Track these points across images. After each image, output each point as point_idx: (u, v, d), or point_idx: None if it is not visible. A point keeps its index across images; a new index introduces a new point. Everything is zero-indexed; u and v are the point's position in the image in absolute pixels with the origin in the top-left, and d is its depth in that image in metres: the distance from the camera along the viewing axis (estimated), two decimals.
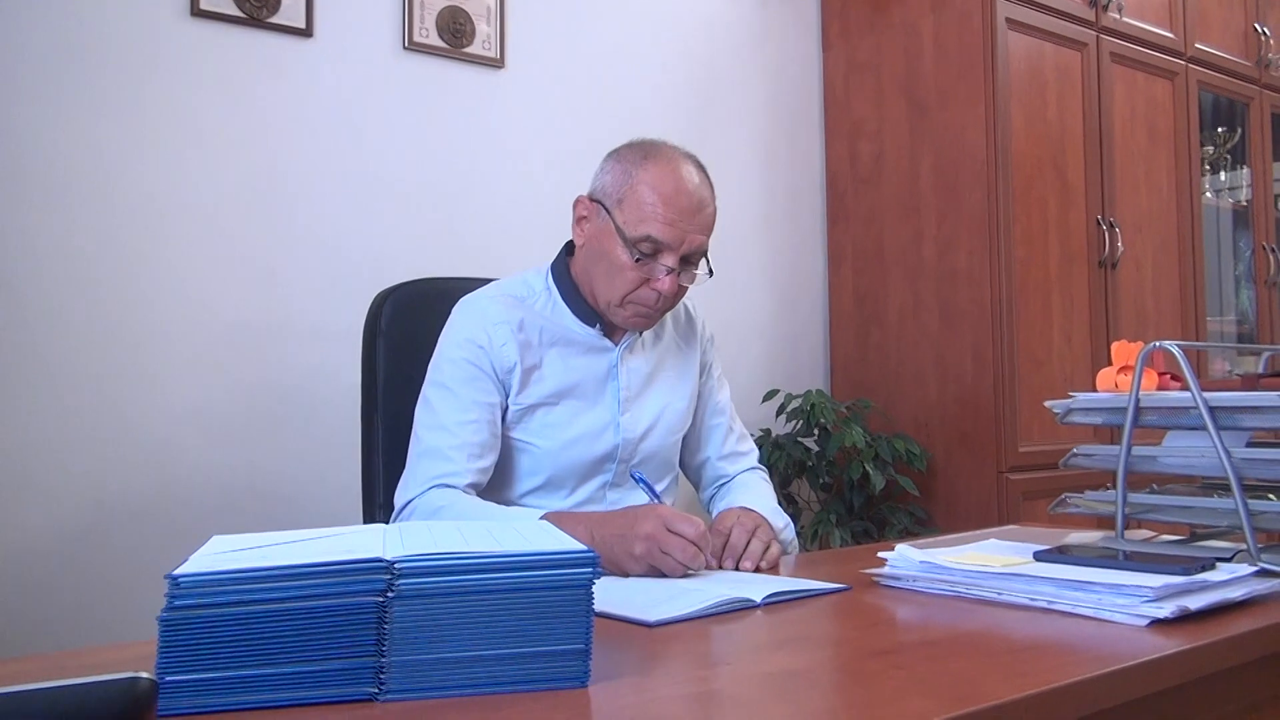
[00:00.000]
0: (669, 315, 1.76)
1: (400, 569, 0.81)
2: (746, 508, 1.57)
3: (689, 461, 1.82)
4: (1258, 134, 3.76)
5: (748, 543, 1.44)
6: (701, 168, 1.63)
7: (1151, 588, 1.05)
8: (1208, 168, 3.80)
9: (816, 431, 2.86)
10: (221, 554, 0.86)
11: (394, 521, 1.56)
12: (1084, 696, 0.86)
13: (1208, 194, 3.70)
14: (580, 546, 0.88)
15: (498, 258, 2.48)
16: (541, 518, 1.42)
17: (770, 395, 2.95)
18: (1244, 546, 1.27)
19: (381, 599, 0.81)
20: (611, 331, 1.67)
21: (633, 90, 2.86)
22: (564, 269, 1.68)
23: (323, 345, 2.31)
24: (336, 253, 2.35)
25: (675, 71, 2.95)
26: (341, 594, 0.80)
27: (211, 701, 0.77)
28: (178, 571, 0.78)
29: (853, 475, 2.77)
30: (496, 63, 2.58)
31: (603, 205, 1.59)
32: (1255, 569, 1.19)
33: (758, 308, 3.11)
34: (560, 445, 1.60)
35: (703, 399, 1.80)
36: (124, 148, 2.11)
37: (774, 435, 2.90)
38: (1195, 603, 1.06)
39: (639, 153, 1.60)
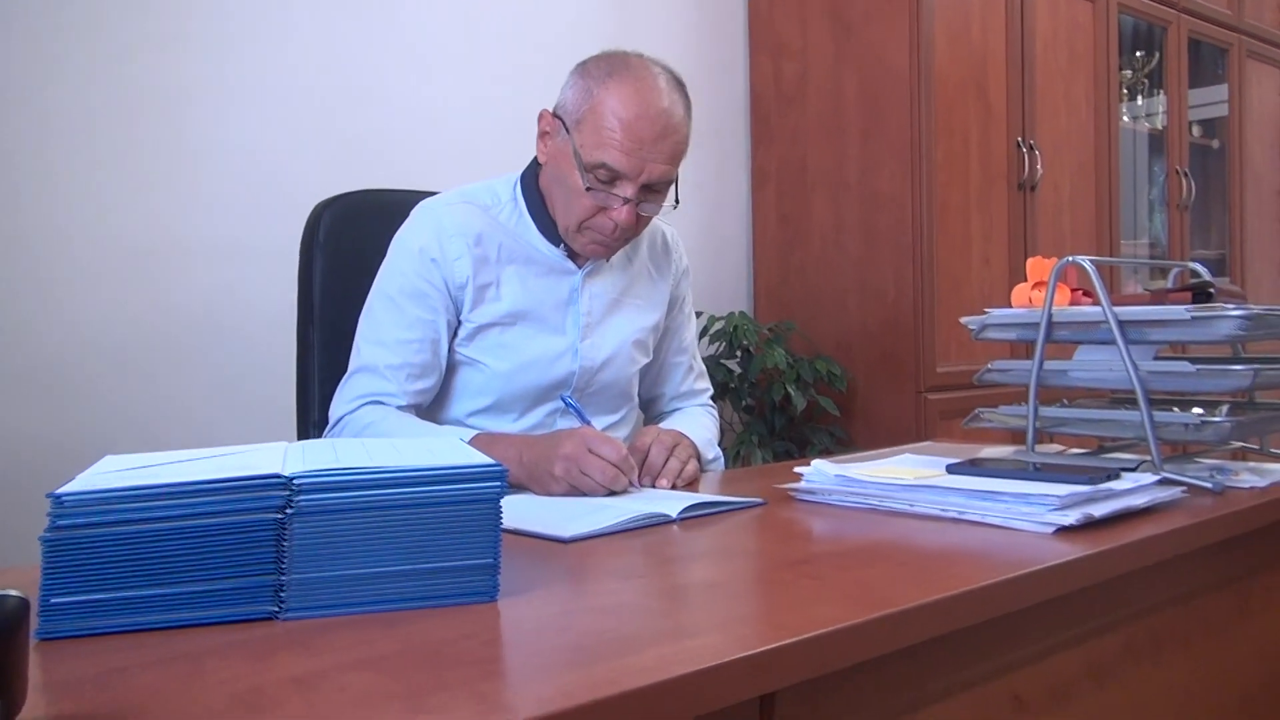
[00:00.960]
0: (644, 238, 1.70)
1: (299, 485, 0.79)
2: (670, 428, 1.56)
3: (644, 395, 1.78)
4: (1174, 59, 3.80)
5: (665, 460, 1.43)
6: (677, 86, 1.52)
7: (1057, 496, 1.06)
8: (1125, 92, 3.84)
9: (739, 353, 2.87)
10: (110, 472, 0.82)
11: (325, 436, 1.52)
12: (990, 601, 0.87)
13: (1125, 118, 3.74)
14: (487, 460, 0.86)
15: (415, 172, 2.41)
16: (471, 439, 1.40)
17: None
18: (1149, 457, 1.30)
19: (280, 515, 0.78)
20: (576, 252, 1.59)
21: (550, 3, 2.78)
22: (533, 181, 1.59)
23: (238, 266, 2.23)
24: (250, 170, 2.26)
25: None
26: (236, 511, 0.77)
27: (100, 623, 0.74)
28: (61, 490, 0.75)
29: (774, 396, 2.79)
30: None
31: (564, 123, 1.50)
32: (1158, 478, 1.21)
33: (681, 229, 3.07)
34: (513, 368, 1.55)
35: (669, 334, 1.75)
36: (12, 57, 1.99)
37: None
38: (1099, 510, 1.08)
39: (605, 68, 1.49)
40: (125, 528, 0.75)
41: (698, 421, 1.70)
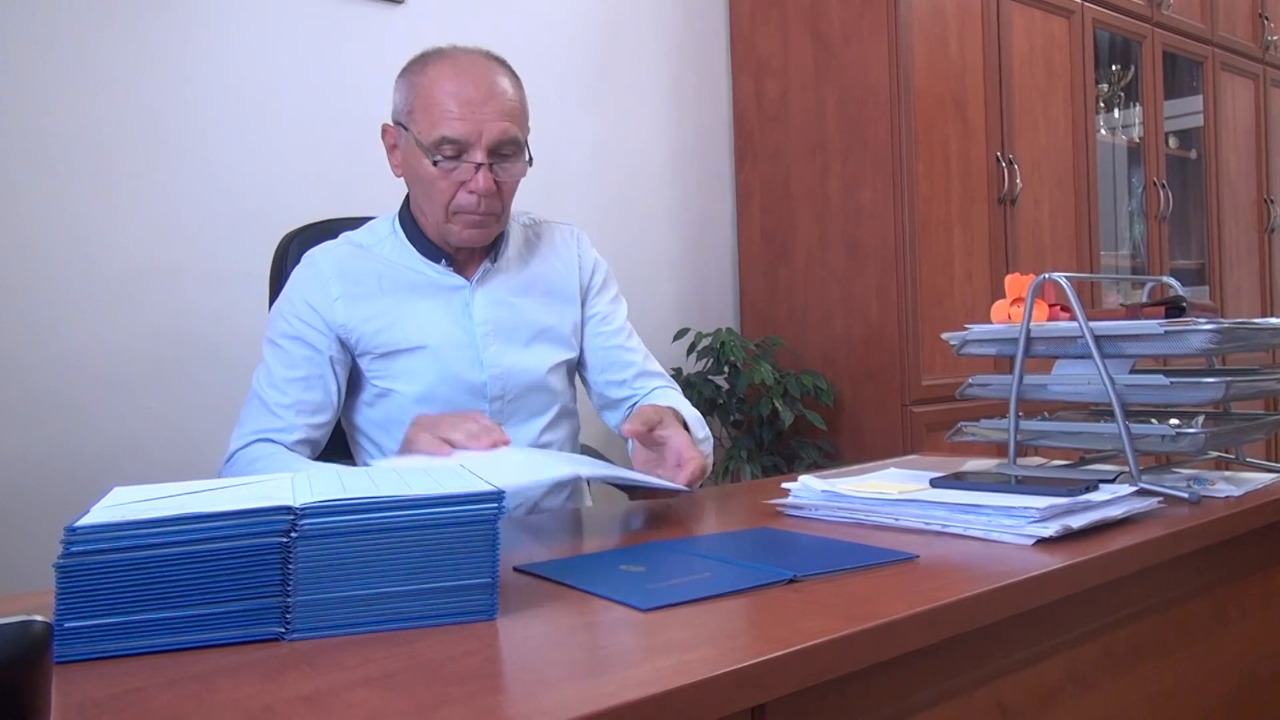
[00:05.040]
0: (542, 237, 1.73)
1: (303, 509, 0.81)
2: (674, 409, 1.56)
3: (596, 390, 1.77)
4: (1150, 72, 3.86)
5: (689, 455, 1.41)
6: (495, 57, 1.59)
7: (1037, 509, 1.10)
8: (1102, 105, 3.90)
9: (727, 369, 2.90)
10: (122, 505, 0.85)
11: (222, 467, 1.55)
12: (971, 612, 0.90)
13: (1102, 131, 3.80)
14: (486, 486, 0.89)
15: (400, 198, 2.44)
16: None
17: (681, 334, 2.98)
18: (1126, 468, 1.34)
19: (285, 539, 0.81)
20: (464, 265, 1.63)
21: (536, 26, 2.82)
22: (407, 210, 1.66)
23: (226, 288, 2.26)
24: (234, 193, 2.29)
25: (579, 5, 2.92)
26: (242, 535, 0.79)
27: (111, 646, 0.77)
28: (77, 524, 0.78)
29: (762, 411, 2.82)
30: None
31: (402, 125, 1.57)
32: (1135, 489, 1.25)
33: (668, 247, 3.12)
34: (425, 389, 1.57)
35: (602, 320, 1.75)
36: (7, 82, 2.01)
37: (685, 374, 2.93)
38: (1077, 521, 1.11)
39: (420, 62, 1.57)
40: (136, 553, 0.77)
41: (679, 400, 1.70)
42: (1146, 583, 1.16)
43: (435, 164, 1.51)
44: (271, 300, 1.74)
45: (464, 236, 1.58)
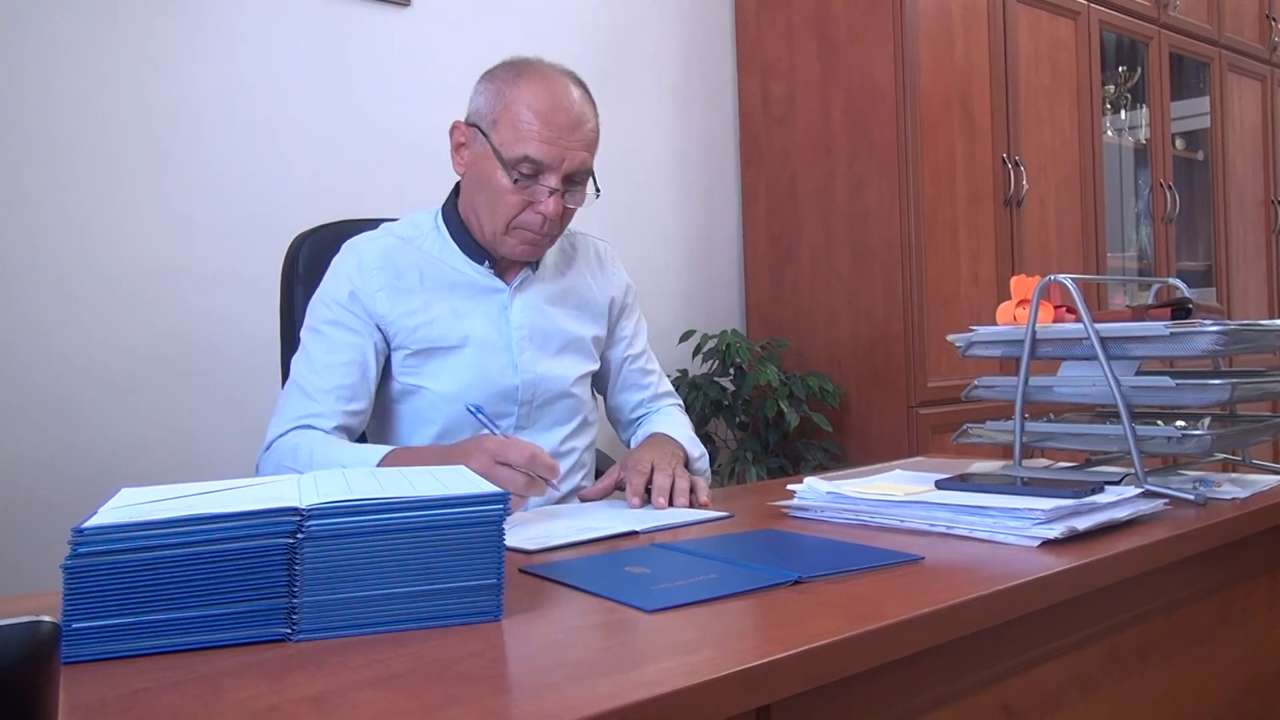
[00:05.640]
0: (576, 251, 1.75)
1: (309, 510, 0.81)
2: (659, 434, 1.64)
3: (613, 407, 1.82)
4: (1156, 73, 3.85)
5: (672, 481, 1.46)
6: (581, 84, 1.58)
7: (1042, 510, 1.10)
8: (1108, 106, 3.89)
9: (732, 371, 2.90)
10: (129, 506, 0.85)
11: (259, 456, 1.55)
12: (976, 614, 0.91)
13: (1108, 132, 3.79)
14: (492, 487, 0.89)
15: (406, 200, 2.44)
16: (385, 455, 1.41)
17: (686, 336, 2.98)
18: (1132, 470, 1.33)
19: (291, 540, 0.81)
20: (505, 269, 1.64)
21: (542, 28, 2.82)
22: (453, 208, 1.65)
23: (230, 291, 2.26)
24: (239, 195, 2.29)
25: (586, 8, 2.92)
26: (249, 537, 0.80)
27: (119, 647, 0.77)
28: (85, 525, 0.78)
29: (768, 413, 2.82)
30: (402, 0, 2.53)
31: (479, 129, 1.56)
32: (1141, 490, 1.25)
33: (673, 249, 3.13)
34: (456, 389, 1.57)
35: (623, 343, 1.79)
36: (13, 85, 2.02)
37: (690, 376, 2.93)
38: (1083, 523, 1.11)
39: (512, 71, 1.56)
40: (143, 554, 0.78)
41: (676, 421, 1.76)
42: (1152, 584, 1.16)
43: (515, 181, 1.52)
44: (283, 301, 1.74)
45: (518, 251, 1.59)
